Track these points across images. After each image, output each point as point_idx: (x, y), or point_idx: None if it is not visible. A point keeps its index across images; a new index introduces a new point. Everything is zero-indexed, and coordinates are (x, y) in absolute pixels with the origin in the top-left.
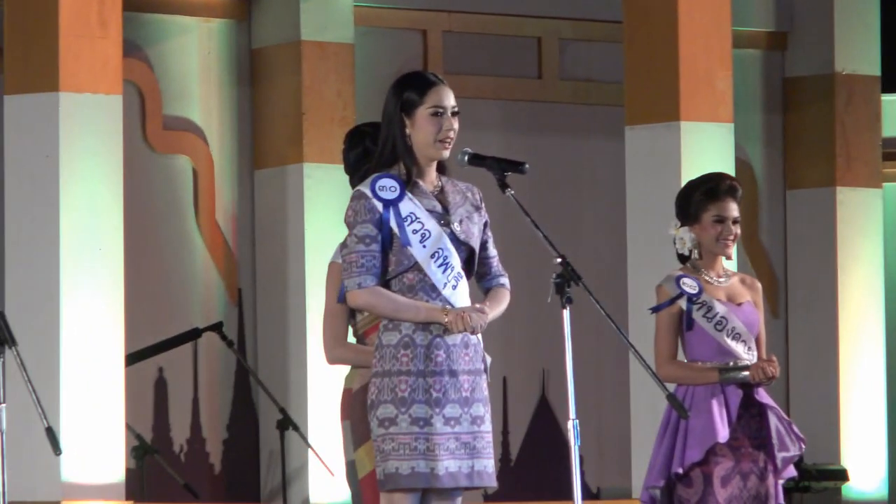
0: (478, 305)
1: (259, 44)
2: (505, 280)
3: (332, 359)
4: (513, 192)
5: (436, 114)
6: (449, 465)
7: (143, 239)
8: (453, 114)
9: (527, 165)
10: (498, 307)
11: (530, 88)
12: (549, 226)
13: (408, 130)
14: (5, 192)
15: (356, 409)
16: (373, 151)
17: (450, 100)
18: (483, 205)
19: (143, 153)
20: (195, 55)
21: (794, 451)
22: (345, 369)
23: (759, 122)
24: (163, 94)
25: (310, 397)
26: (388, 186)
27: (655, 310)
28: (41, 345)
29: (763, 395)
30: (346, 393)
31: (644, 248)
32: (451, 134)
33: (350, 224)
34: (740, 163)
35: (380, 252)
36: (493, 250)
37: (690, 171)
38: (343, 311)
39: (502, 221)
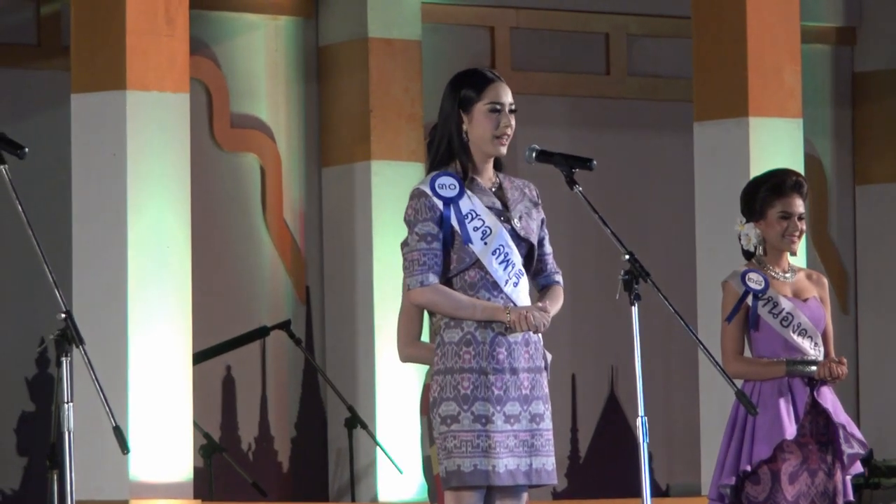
0: (539, 304)
1: (326, 41)
2: (559, 278)
3: (405, 357)
4: (580, 188)
5: (493, 110)
6: (508, 462)
7: (210, 237)
8: (511, 111)
9: (594, 162)
10: (556, 305)
11: (598, 85)
12: (616, 222)
13: (465, 127)
14: (73, 190)
15: None
16: None
17: (507, 96)
18: (540, 201)
19: (210, 151)
20: (262, 53)
21: (858, 448)
22: (413, 367)
23: (829, 117)
24: (230, 92)
25: (378, 395)
26: (447, 184)
27: (730, 317)
28: (109, 344)
29: (824, 397)
30: (427, 389)
31: (713, 244)
32: (509, 131)
33: (410, 222)
34: (809, 158)
35: (441, 250)
36: (549, 247)
37: (759, 166)
38: (418, 309)
39: (570, 218)
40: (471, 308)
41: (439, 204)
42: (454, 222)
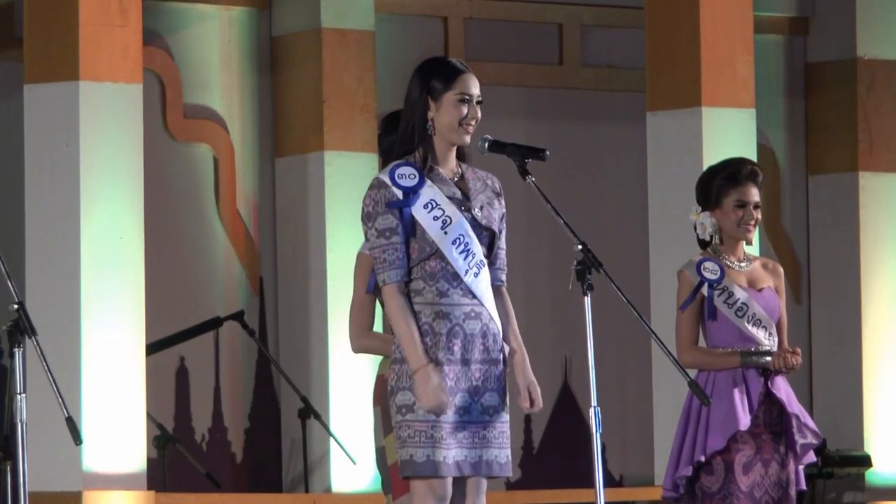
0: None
1: (279, 31)
2: (504, 277)
3: (358, 348)
4: (533, 179)
5: (462, 101)
6: (455, 453)
7: (163, 228)
8: (478, 102)
9: (547, 152)
10: (514, 321)
11: (552, 75)
12: (570, 212)
13: (431, 114)
14: (26, 181)
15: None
16: None
17: (476, 88)
18: (502, 193)
19: (163, 142)
20: (216, 43)
21: (811, 438)
22: (367, 357)
23: (782, 107)
24: (183, 83)
25: (331, 385)
26: (406, 174)
27: (684, 306)
28: (62, 335)
29: (778, 387)
30: (380, 379)
31: (666, 234)
32: (474, 122)
33: (369, 214)
34: (762, 148)
35: (402, 242)
36: (503, 243)
37: (712, 156)
38: (370, 301)
39: (524, 208)
40: (405, 337)
41: (399, 194)
42: (414, 212)
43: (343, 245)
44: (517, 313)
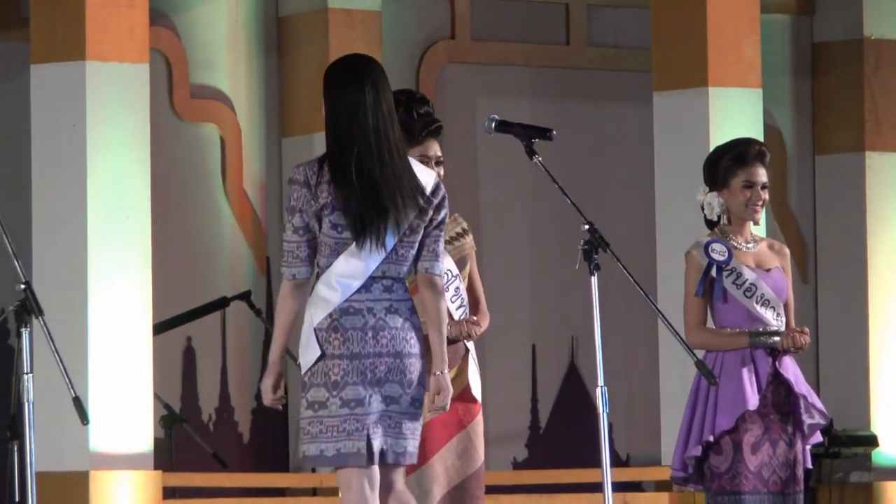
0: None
1: (286, 11)
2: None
3: None
4: (540, 158)
5: None
6: None
7: (170, 208)
8: None
9: (554, 132)
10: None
11: (558, 55)
12: (576, 192)
13: None
14: (32, 161)
15: None
16: (406, 120)
17: None
18: None
19: (170, 122)
20: (223, 23)
21: (819, 418)
22: None
23: (788, 87)
24: (190, 63)
25: None
26: None
27: (699, 291)
28: (69, 315)
29: (786, 368)
30: None
31: (672, 214)
32: None
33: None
34: (769, 128)
35: None
36: None
37: (719, 136)
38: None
39: (530, 189)
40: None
41: None
42: None
43: None
44: (525, 293)
